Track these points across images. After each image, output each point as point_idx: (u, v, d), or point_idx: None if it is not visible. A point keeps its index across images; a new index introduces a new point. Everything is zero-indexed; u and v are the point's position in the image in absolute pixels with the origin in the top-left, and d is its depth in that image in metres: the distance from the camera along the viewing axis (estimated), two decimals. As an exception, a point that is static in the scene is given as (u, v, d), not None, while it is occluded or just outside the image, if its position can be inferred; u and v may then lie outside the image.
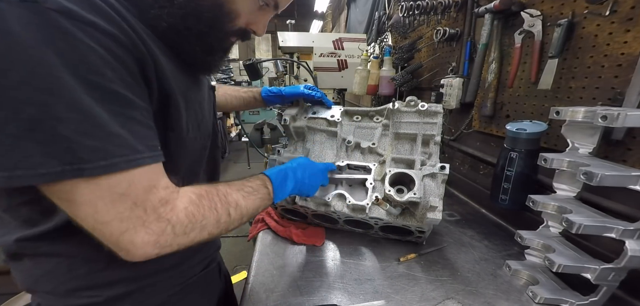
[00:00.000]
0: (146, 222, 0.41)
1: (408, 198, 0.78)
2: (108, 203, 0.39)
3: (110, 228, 0.40)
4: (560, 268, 0.65)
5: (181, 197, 0.47)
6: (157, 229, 0.42)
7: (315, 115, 1.05)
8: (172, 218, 0.44)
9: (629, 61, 0.73)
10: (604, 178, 0.59)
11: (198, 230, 0.47)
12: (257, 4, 0.56)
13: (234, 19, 0.54)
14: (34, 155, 0.34)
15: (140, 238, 0.41)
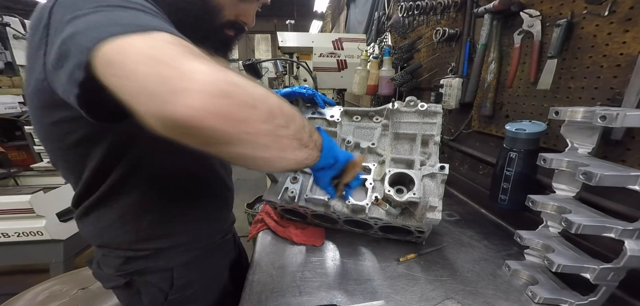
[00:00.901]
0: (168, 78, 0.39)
1: (408, 198, 0.79)
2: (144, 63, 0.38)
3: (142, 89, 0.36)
4: (560, 268, 0.65)
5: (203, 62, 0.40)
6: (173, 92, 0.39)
7: (315, 115, 1.05)
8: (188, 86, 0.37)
9: (627, 61, 0.73)
10: (603, 178, 0.59)
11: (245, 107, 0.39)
12: (235, 1, 0.62)
13: (220, 11, 0.61)
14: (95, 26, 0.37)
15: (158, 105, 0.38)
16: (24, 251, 2.00)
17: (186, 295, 0.77)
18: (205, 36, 0.63)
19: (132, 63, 0.32)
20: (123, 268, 0.69)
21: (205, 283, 0.82)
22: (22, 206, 1.87)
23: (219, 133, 0.34)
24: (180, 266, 0.75)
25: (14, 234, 1.94)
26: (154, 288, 0.73)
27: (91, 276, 1.08)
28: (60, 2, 0.42)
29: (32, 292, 1.01)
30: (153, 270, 0.71)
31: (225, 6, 0.61)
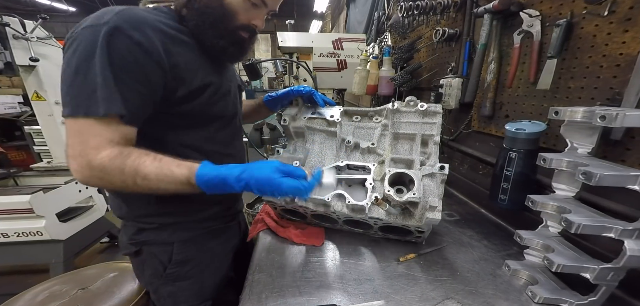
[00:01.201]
0: (83, 149, 0.63)
1: (407, 198, 0.79)
2: (75, 136, 0.65)
3: (71, 153, 0.65)
4: (560, 268, 0.65)
5: (107, 152, 0.64)
6: (84, 159, 0.63)
7: (315, 115, 1.05)
8: (92, 160, 0.63)
9: (627, 61, 0.73)
10: (602, 178, 0.59)
11: (105, 181, 0.65)
12: (249, 3, 0.76)
13: (235, 15, 0.76)
14: (64, 100, 0.64)
15: (76, 153, 0.64)
16: (23, 252, 2.01)
17: (183, 270, 0.88)
18: (220, 35, 0.77)
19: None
20: (134, 238, 0.85)
21: (202, 263, 0.91)
22: (22, 206, 1.87)
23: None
24: (180, 242, 0.86)
25: (14, 234, 1.94)
26: (155, 260, 0.86)
27: (91, 276, 1.08)
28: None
29: (32, 292, 1.01)
30: (157, 242, 0.85)
31: (240, 11, 0.76)
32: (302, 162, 0.98)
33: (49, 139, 2.31)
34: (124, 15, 0.63)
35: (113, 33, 0.61)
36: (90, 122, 0.62)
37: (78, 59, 0.61)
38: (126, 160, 0.64)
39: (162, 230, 0.84)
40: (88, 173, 0.64)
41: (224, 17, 0.75)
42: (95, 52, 0.60)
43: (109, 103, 0.62)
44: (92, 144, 0.62)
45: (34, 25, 2.00)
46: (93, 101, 0.61)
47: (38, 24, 2.02)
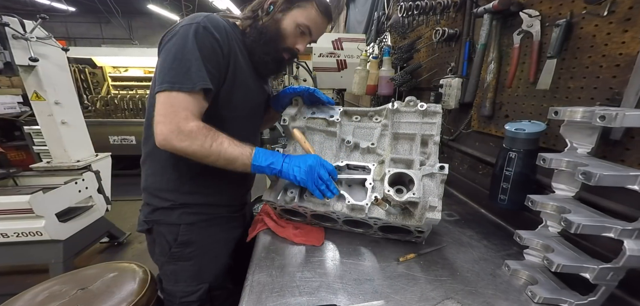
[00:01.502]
0: (174, 116, 0.79)
1: (407, 198, 0.79)
2: (167, 108, 0.80)
3: (162, 121, 0.80)
4: (559, 268, 0.65)
5: (196, 121, 0.80)
6: (174, 125, 0.78)
7: (315, 115, 1.05)
8: (184, 126, 0.79)
9: (627, 61, 0.73)
10: (602, 178, 0.59)
11: (188, 145, 0.80)
12: (298, 31, 0.94)
13: (285, 38, 0.95)
14: (160, 78, 0.80)
15: (167, 120, 0.79)
16: (23, 252, 2.00)
17: (185, 252, 0.98)
18: (268, 52, 0.95)
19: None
20: (149, 217, 0.97)
21: (204, 247, 1.01)
22: (22, 206, 1.87)
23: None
24: (186, 224, 0.96)
25: (13, 234, 1.94)
26: (163, 239, 0.97)
27: (91, 276, 1.08)
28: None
29: (32, 292, 1.00)
30: (166, 222, 0.96)
31: (289, 36, 0.95)
32: (302, 162, 0.98)
33: (49, 139, 2.31)
34: (210, 19, 0.84)
35: (202, 29, 0.80)
36: (182, 96, 0.78)
37: (176, 47, 0.79)
38: (207, 134, 0.81)
39: (172, 210, 0.96)
40: (175, 135, 0.78)
41: (276, 38, 0.93)
42: (187, 40, 0.79)
43: (201, 79, 0.79)
44: (182, 115, 0.78)
45: (33, 25, 2.00)
46: (187, 78, 0.78)
47: (37, 24, 2.02)
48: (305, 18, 0.93)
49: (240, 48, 0.93)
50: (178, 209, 0.96)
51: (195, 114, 0.81)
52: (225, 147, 0.83)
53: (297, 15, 0.92)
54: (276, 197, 0.93)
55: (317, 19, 0.94)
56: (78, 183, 2.25)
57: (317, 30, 0.96)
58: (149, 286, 1.04)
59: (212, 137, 0.82)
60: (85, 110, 3.97)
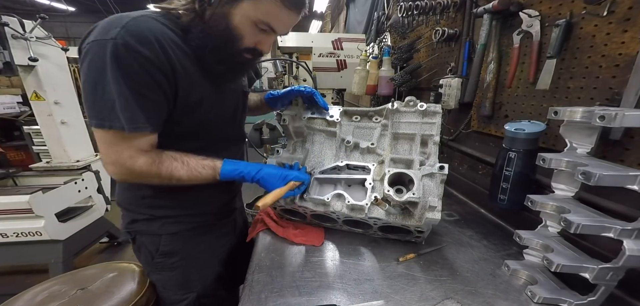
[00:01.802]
0: (119, 157, 0.72)
1: (407, 198, 0.79)
2: (110, 148, 0.72)
3: (105, 157, 0.73)
4: (559, 268, 0.65)
5: (144, 158, 0.73)
6: (121, 166, 0.73)
7: (315, 115, 1.05)
8: (131, 166, 0.73)
9: (626, 61, 0.73)
10: (602, 178, 0.59)
11: (144, 181, 0.77)
12: (257, 29, 0.74)
13: (241, 39, 0.75)
14: (101, 115, 0.67)
15: (112, 161, 0.73)
16: (22, 252, 2.00)
17: (168, 262, 0.93)
18: (220, 60, 0.77)
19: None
20: (129, 227, 0.92)
21: (189, 256, 0.96)
22: (21, 206, 1.87)
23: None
24: (168, 235, 0.91)
25: (13, 234, 1.94)
26: (145, 249, 0.93)
27: (90, 276, 1.08)
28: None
29: (31, 293, 1.00)
30: (147, 232, 0.91)
31: (246, 35, 0.74)
32: (302, 162, 0.98)
33: (48, 139, 2.31)
34: (131, 30, 0.64)
35: (122, 48, 0.63)
36: (119, 134, 0.69)
37: (93, 73, 0.65)
38: (161, 167, 0.75)
39: (152, 221, 0.89)
40: (128, 176, 0.75)
41: (228, 42, 0.74)
42: (105, 67, 0.63)
43: (135, 122, 0.68)
44: (126, 155, 0.71)
45: (33, 25, 2.00)
46: (114, 116, 0.66)
47: (37, 23, 2.02)
48: (261, 13, 0.71)
49: (185, 53, 0.74)
50: (158, 220, 0.90)
51: (143, 149, 0.72)
52: (184, 173, 0.77)
53: (249, 10, 0.70)
54: (276, 197, 0.93)
55: (278, 12, 0.72)
56: (78, 183, 2.24)
57: (280, 25, 0.76)
58: (149, 286, 1.03)
59: (168, 167, 0.75)
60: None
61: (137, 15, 0.68)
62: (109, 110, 0.66)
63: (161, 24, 0.71)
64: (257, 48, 0.79)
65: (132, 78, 0.65)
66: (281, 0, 0.70)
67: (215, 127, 0.89)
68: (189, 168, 0.78)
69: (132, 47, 0.64)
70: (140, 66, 0.65)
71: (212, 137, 0.89)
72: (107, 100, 0.65)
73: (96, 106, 0.66)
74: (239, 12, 0.71)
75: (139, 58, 0.65)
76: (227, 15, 0.71)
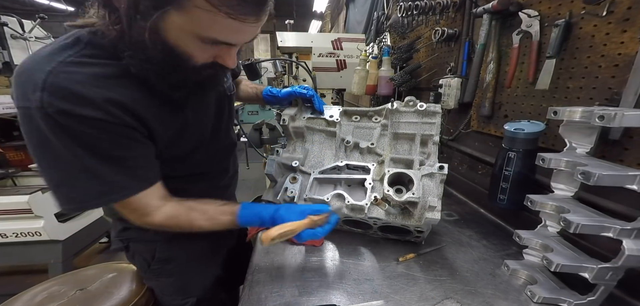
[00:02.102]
0: (134, 218, 0.69)
1: (407, 198, 0.79)
2: (123, 212, 0.69)
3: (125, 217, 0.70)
4: (559, 268, 0.66)
5: (159, 213, 0.69)
6: (141, 223, 0.69)
7: (314, 115, 1.05)
8: (149, 222, 0.69)
9: (625, 61, 0.73)
10: (601, 178, 0.59)
11: (168, 230, 0.71)
12: (202, 43, 0.55)
13: (190, 58, 0.57)
14: (70, 195, 0.59)
15: (134, 222, 0.69)
16: (22, 252, 2.00)
17: (166, 268, 0.91)
18: (173, 85, 0.61)
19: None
20: (121, 235, 0.89)
21: (187, 261, 0.93)
22: (20, 206, 1.86)
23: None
24: (164, 241, 0.87)
25: (12, 234, 1.93)
26: (140, 257, 0.91)
27: (90, 276, 1.08)
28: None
29: (31, 293, 1.00)
30: (141, 240, 0.88)
31: (195, 53, 0.57)
32: (302, 162, 0.98)
33: (48, 139, 2.31)
34: (56, 91, 0.50)
35: (62, 118, 0.50)
36: (126, 201, 0.63)
37: (45, 159, 0.55)
38: (180, 221, 0.71)
39: (146, 230, 0.78)
40: (155, 226, 0.70)
41: (174, 64, 0.56)
42: (49, 144, 0.52)
43: (127, 190, 0.62)
44: (142, 212, 0.67)
45: (32, 25, 2.00)
46: (113, 188, 0.60)
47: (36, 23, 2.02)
48: (198, 27, 0.51)
49: (133, 84, 0.59)
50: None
51: (156, 203, 0.68)
52: (204, 222, 0.72)
53: (182, 23, 0.51)
54: (276, 197, 0.93)
55: (221, 23, 0.51)
56: (77, 184, 2.24)
57: (232, 36, 0.56)
58: (148, 287, 1.03)
59: (187, 218, 0.71)
60: (84, 110, 3.95)
61: (56, 65, 0.51)
62: (92, 190, 0.58)
63: (88, 65, 0.54)
64: (218, 62, 0.62)
65: (96, 146, 0.55)
66: (224, 11, 0.49)
67: (202, 148, 0.81)
68: (209, 218, 0.73)
69: (72, 113, 0.51)
70: (97, 129, 0.54)
71: (202, 155, 0.82)
72: (85, 180, 0.57)
73: (77, 189, 0.58)
74: (171, 26, 0.51)
75: (88, 122, 0.53)
76: (158, 31, 0.52)
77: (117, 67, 0.57)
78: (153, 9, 0.49)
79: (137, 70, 0.57)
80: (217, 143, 0.87)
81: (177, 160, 0.76)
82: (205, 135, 0.81)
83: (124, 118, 0.57)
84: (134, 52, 0.55)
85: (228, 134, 0.93)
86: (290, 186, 0.93)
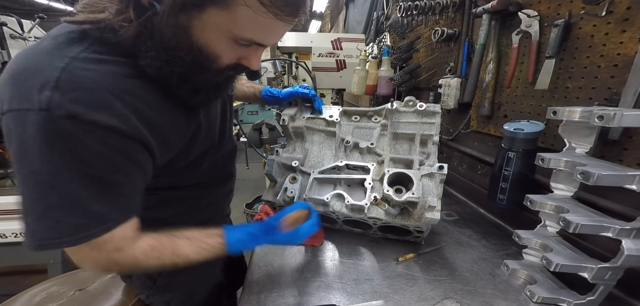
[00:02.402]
0: (98, 259, 0.55)
1: (406, 198, 0.79)
2: (82, 254, 0.53)
3: (80, 262, 0.56)
4: (558, 268, 0.66)
5: (134, 248, 0.57)
6: (106, 264, 0.56)
7: (314, 115, 1.05)
8: (118, 259, 0.56)
9: (624, 61, 0.73)
10: (600, 178, 0.59)
11: (143, 267, 0.59)
12: (237, 44, 0.53)
13: (216, 59, 0.54)
14: (37, 229, 0.48)
15: (92, 266, 0.57)
16: (21, 252, 1.99)
17: (174, 282, 0.85)
18: (195, 89, 0.58)
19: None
20: None
21: (194, 272, 0.82)
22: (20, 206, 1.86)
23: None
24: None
25: (11, 234, 1.93)
26: (143, 275, 0.84)
27: (89, 277, 1.07)
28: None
29: (30, 293, 1.00)
30: None
31: (223, 54, 0.54)
32: (301, 162, 0.98)
33: (47, 139, 2.30)
34: (73, 90, 0.43)
35: (69, 124, 0.43)
36: (90, 243, 0.50)
37: (26, 169, 0.45)
38: (163, 251, 0.60)
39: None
40: (124, 265, 0.59)
41: (200, 64, 0.53)
42: (44, 159, 0.44)
43: (106, 221, 0.51)
44: (113, 247, 0.54)
45: (31, 25, 1.99)
46: (78, 227, 0.48)
47: (35, 23, 2.01)
48: (240, 28, 0.49)
49: (150, 87, 0.53)
50: None
51: (130, 235, 0.56)
52: (190, 250, 0.63)
53: (222, 23, 0.48)
54: (275, 197, 0.93)
55: (267, 25, 0.49)
56: (76, 184, 2.24)
57: (270, 37, 0.55)
58: (148, 286, 1.03)
59: (169, 248, 0.61)
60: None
61: (70, 61, 0.44)
62: (67, 223, 0.47)
63: (102, 62, 0.48)
64: (242, 64, 0.58)
65: (91, 164, 0.46)
66: (272, 12, 0.47)
67: (211, 150, 0.77)
68: (194, 244, 0.64)
69: (85, 119, 0.43)
70: (102, 144, 0.46)
71: (210, 161, 0.78)
72: (60, 208, 0.46)
73: (47, 221, 0.47)
74: (206, 24, 0.48)
75: (98, 132, 0.45)
76: (187, 29, 0.48)
77: (132, 66, 0.51)
78: (194, 6, 0.45)
79: (156, 71, 0.51)
80: (222, 146, 0.82)
81: (187, 168, 0.70)
82: (215, 138, 0.76)
83: (138, 127, 0.50)
84: (156, 53, 0.50)
85: (231, 136, 0.90)
86: (290, 186, 0.93)
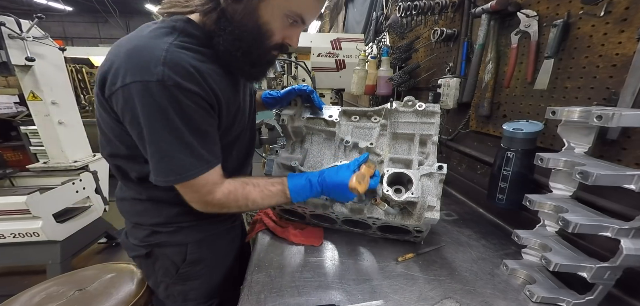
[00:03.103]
0: (196, 199, 0.73)
1: (406, 198, 0.79)
2: (188, 192, 0.72)
3: (188, 200, 0.73)
4: (557, 267, 0.66)
5: (219, 191, 0.73)
6: (203, 204, 0.74)
7: (313, 115, 1.05)
8: (210, 200, 0.73)
9: (623, 61, 0.73)
10: (599, 178, 0.59)
11: (225, 210, 0.77)
12: (287, 22, 0.69)
13: (271, 36, 0.70)
14: (160, 168, 0.67)
15: (195, 205, 0.74)
16: (20, 253, 1.99)
17: (194, 270, 0.90)
18: (252, 62, 0.73)
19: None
20: (146, 240, 0.85)
21: (213, 262, 0.94)
22: (18, 207, 1.85)
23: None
24: (194, 243, 0.87)
25: (10, 235, 1.93)
26: (168, 261, 0.87)
27: (88, 277, 1.07)
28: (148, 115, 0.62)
29: (29, 294, 1.00)
30: (171, 243, 0.86)
31: (276, 31, 0.70)
32: (301, 162, 0.98)
33: (46, 139, 2.29)
34: (174, 66, 0.60)
35: (176, 90, 0.60)
36: (197, 179, 0.68)
37: (156, 126, 0.62)
38: (237, 195, 0.76)
39: (177, 232, 0.85)
40: (210, 209, 0.74)
41: (259, 41, 0.69)
42: (166, 115, 0.61)
43: (206, 163, 0.69)
44: (205, 191, 0.71)
45: (30, 25, 1.99)
46: (192, 164, 0.66)
47: (34, 23, 2.00)
48: (295, 4, 0.66)
49: (216, 70, 0.70)
50: (185, 229, 0.86)
51: (216, 182, 0.72)
52: (257, 194, 0.77)
53: (282, 2, 0.65)
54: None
55: (310, 2, 0.69)
56: (75, 184, 2.23)
57: (311, 15, 0.71)
58: (147, 287, 1.03)
59: (243, 192, 0.76)
60: (83, 110, 3.95)
61: (168, 46, 0.62)
62: (188, 162, 0.66)
63: (190, 53, 0.65)
64: (286, 43, 0.74)
65: (193, 119, 0.64)
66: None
67: (242, 134, 0.88)
68: (261, 189, 0.78)
69: (184, 87, 0.61)
70: (196, 104, 0.64)
71: (239, 147, 0.89)
72: (182, 152, 0.65)
73: (172, 162, 0.65)
74: (270, 5, 0.65)
75: (192, 96, 0.63)
76: (255, 10, 0.65)
77: (207, 54, 0.69)
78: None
79: (225, 47, 0.68)
80: (249, 133, 0.95)
81: (223, 150, 0.79)
82: (246, 121, 0.89)
83: (211, 95, 0.67)
84: (229, 31, 0.66)
85: (253, 127, 1.00)
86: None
